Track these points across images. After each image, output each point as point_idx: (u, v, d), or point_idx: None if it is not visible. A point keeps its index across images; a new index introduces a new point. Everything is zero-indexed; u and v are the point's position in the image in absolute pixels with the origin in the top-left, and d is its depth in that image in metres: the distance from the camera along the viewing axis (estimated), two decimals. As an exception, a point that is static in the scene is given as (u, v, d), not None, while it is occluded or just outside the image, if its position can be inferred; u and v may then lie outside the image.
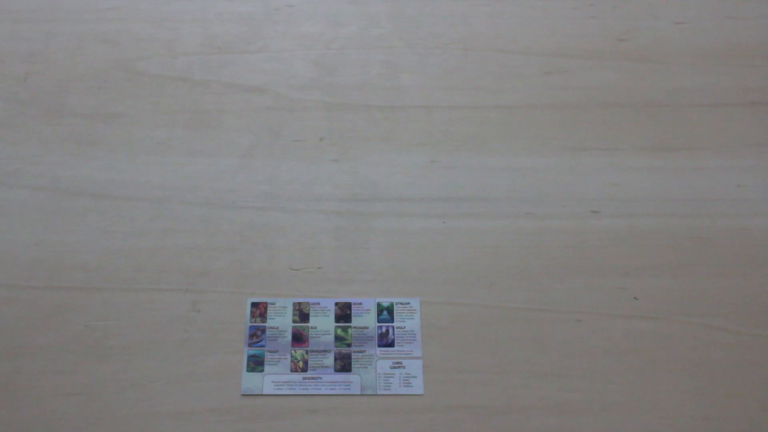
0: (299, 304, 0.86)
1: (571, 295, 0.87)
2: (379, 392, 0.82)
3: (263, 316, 0.86)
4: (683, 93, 1.01)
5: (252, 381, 0.82)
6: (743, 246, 0.90)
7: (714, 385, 0.81)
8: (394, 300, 0.87)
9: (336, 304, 0.86)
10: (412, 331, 0.85)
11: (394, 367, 0.83)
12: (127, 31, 1.06)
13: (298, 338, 0.85)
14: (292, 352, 0.84)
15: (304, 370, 0.83)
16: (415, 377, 0.82)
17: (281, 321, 0.86)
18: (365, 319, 0.86)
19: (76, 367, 0.82)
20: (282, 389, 0.82)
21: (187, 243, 0.90)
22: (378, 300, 0.87)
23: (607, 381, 0.82)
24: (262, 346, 0.84)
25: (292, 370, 0.83)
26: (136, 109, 0.99)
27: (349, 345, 0.85)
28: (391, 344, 0.84)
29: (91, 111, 0.99)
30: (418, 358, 0.83)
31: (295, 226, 0.91)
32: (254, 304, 0.86)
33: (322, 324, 0.85)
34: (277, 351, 0.84)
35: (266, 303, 0.86)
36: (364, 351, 0.84)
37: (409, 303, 0.86)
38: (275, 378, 0.82)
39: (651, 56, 1.04)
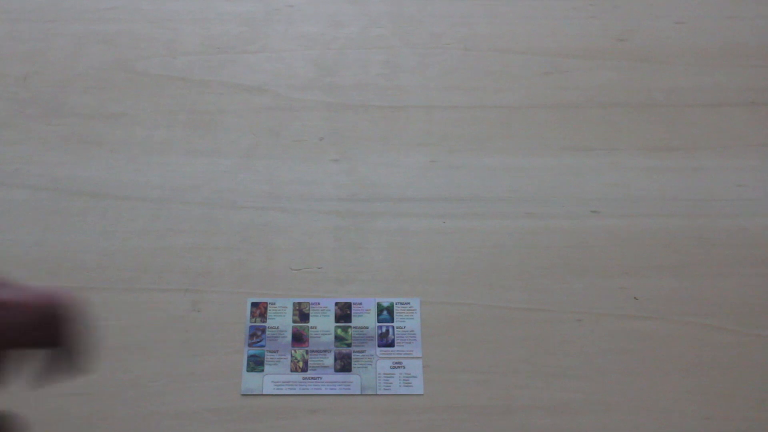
0: (299, 304, 0.86)
1: (571, 295, 0.87)
2: (379, 392, 0.82)
3: (263, 316, 0.86)
4: (683, 93, 1.01)
5: (252, 381, 0.82)
6: (743, 246, 0.90)
7: (714, 385, 0.81)
8: (394, 300, 0.87)
9: (336, 304, 0.86)
10: (412, 331, 0.85)
11: (394, 367, 0.83)
12: (127, 31, 1.06)
13: (298, 338, 0.85)
14: (292, 352, 0.84)
15: (304, 370, 0.83)
16: (415, 377, 0.82)
17: (281, 321, 0.86)
18: (365, 319, 0.86)
19: (76, 367, 0.82)
20: (282, 389, 0.82)
21: (187, 243, 0.90)
22: (378, 300, 0.87)
23: (607, 381, 0.82)
24: (262, 346, 0.84)
25: (292, 370, 0.83)
26: (136, 109, 0.99)
27: (349, 345, 0.85)
28: (391, 344, 0.84)
29: (91, 111, 0.99)
30: (418, 358, 0.83)
31: (295, 226, 0.91)
32: (254, 304, 0.86)
33: (322, 324, 0.85)
34: (277, 351, 0.84)
35: (266, 303, 0.86)
36: (364, 351, 0.84)
37: (409, 303, 0.86)
38: (275, 378, 0.82)
39: (651, 56, 1.04)
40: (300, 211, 0.92)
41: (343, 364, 0.83)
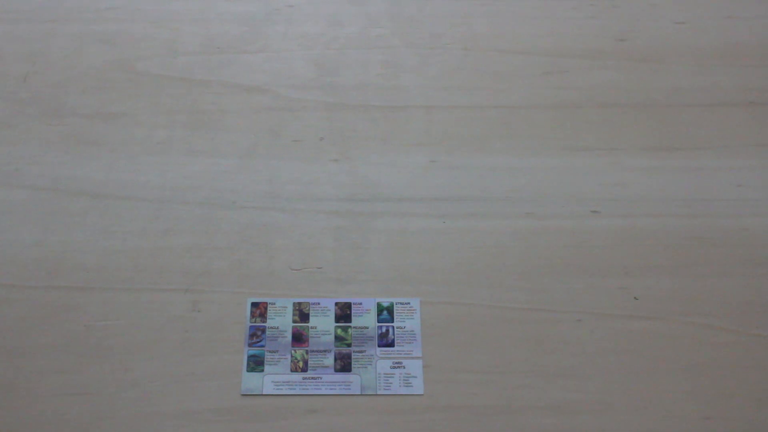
0: (299, 304, 0.86)
1: (571, 295, 0.87)
2: (379, 392, 0.82)
3: (263, 316, 0.86)
4: (683, 93, 1.01)
5: (252, 381, 0.82)
6: (743, 246, 0.90)
7: (714, 385, 0.81)
8: (394, 300, 0.87)
9: (336, 304, 0.86)
10: (412, 331, 0.85)
11: (394, 367, 0.83)
12: (127, 31, 1.06)
13: (298, 338, 0.85)
14: (292, 352, 0.84)
15: (304, 370, 0.83)
16: (415, 377, 0.82)
17: (281, 321, 0.86)
18: (365, 319, 0.86)
19: (76, 367, 0.82)
20: (282, 389, 0.82)
21: (187, 243, 0.90)
22: (378, 300, 0.87)
23: (607, 381, 0.82)
24: (262, 346, 0.84)
25: (292, 370, 0.83)
26: (136, 109, 0.99)
27: (349, 345, 0.85)
28: (391, 344, 0.84)
29: (91, 111, 0.99)
30: (418, 358, 0.83)
31: (295, 226, 0.91)
32: (254, 304, 0.86)
33: (322, 324, 0.85)
34: (277, 351, 0.84)
35: (266, 303, 0.86)
36: (364, 351, 0.84)
37: (409, 303, 0.86)
38: (275, 378, 0.82)
39: (651, 56, 1.04)
40: (300, 211, 0.92)
41: (343, 364, 0.83)
